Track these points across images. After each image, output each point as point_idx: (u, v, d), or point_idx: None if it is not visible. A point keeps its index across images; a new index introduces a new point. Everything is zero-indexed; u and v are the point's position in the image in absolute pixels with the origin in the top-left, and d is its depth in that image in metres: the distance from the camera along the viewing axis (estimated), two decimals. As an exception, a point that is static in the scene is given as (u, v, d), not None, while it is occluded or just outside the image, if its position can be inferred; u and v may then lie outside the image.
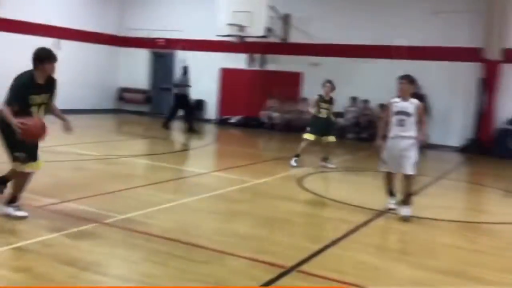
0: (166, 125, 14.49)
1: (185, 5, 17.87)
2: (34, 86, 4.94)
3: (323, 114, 9.74)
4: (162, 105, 18.94)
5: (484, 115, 13.86)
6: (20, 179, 5.10)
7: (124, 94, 19.43)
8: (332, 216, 6.37)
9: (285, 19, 16.20)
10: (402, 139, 6.09)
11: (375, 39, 14.94)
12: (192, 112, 14.96)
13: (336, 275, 4.17)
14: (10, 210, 5.07)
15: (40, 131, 4.89)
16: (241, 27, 15.35)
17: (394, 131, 6.17)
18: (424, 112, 6.25)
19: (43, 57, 4.95)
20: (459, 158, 13.15)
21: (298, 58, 16.22)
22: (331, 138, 9.77)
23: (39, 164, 5.11)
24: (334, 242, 5.07)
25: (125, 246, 4.54)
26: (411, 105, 6.12)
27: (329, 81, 9.88)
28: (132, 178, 7.66)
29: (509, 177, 10.87)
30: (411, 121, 6.09)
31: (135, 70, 19.08)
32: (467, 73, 14.14)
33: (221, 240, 4.89)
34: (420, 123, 6.14)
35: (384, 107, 14.42)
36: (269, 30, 15.37)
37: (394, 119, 6.16)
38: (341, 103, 15.48)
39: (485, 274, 4.53)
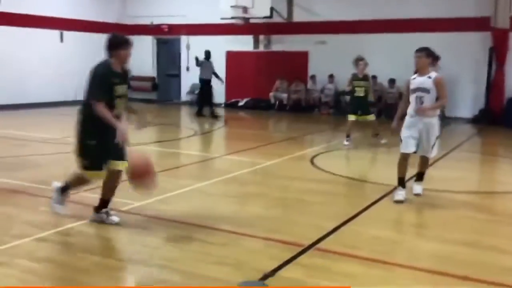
0: (212, 113, 14.19)
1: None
2: (115, 75, 4.56)
3: (359, 92, 9.72)
4: (169, 91, 18.98)
5: (494, 85, 13.73)
6: (109, 180, 4.72)
7: (131, 83, 19.43)
8: (346, 193, 6.38)
9: (289, -2, 16.05)
10: (422, 118, 5.70)
11: (381, 13, 14.77)
12: (209, 97, 14.76)
13: (353, 251, 4.20)
14: (102, 217, 4.76)
15: (147, 169, 4.58)
16: (244, 9, 15.25)
17: (414, 110, 5.75)
18: (444, 85, 5.72)
19: (118, 43, 4.57)
20: (470, 130, 13.08)
21: (303, 37, 16.10)
22: (370, 117, 9.77)
23: (102, 174, 4.68)
24: (349, 219, 5.10)
25: (144, 232, 4.60)
26: (429, 79, 5.68)
27: (361, 59, 9.79)
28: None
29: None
30: (430, 97, 5.66)
31: (141, 58, 18.98)
32: (476, 43, 13.97)
33: (237, 222, 4.94)
34: (440, 98, 5.69)
35: (393, 82, 14.45)
36: (272, 10, 15.25)
37: (412, 96, 5.76)
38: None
39: (501, 243, 4.55)
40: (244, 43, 17.09)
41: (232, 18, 15.59)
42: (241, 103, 17.09)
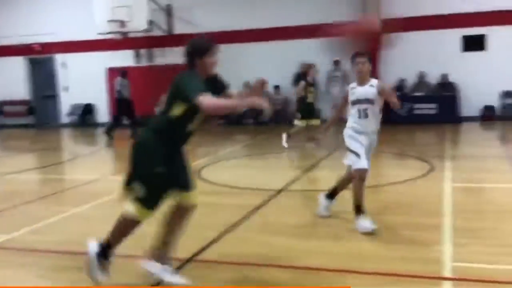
0: (109, 132, 13.59)
1: (57, 6, 16.86)
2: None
3: (310, 98, 9.97)
4: (47, 114, 17.87)
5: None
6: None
7: (3, 108, 18.03)
8: (232, 202, 6.34)
9: (168, 10, 15.90)
10: (368, 135, 4.96)
11: (260, 22, 15.15)
12: (132, 116, 13.91)
13: (236, 259, 4.17)
14: (164, 273, 3.70)
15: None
16: (122, 23, 14.83)
17: (357, 124, 4.91)
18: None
19: (202, 50, 3.53)
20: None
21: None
22: (315, 122, 9.94)
23: (151, 215, 3.71)
24: (233, 227, 5.07)
25: (13, 267, 4.20)
26: (371, 88, 4.83)
27: (311, 66, 10.11)
28: (17, 195, 7.07)
29: (399, 141, 11.55)
30: (375, 108, 4.86)
31: (12, 80, 17.71)
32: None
33: (118, 244, 4.66)
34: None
35: (278, 88, 14.80)
36: (151, 23, 15.00)
37: (354, 109, 4.88)
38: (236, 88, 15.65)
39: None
40: (125, 58, 16.60)
41: (110, 33, 15.09)
42: (127, 122, 16.48)
